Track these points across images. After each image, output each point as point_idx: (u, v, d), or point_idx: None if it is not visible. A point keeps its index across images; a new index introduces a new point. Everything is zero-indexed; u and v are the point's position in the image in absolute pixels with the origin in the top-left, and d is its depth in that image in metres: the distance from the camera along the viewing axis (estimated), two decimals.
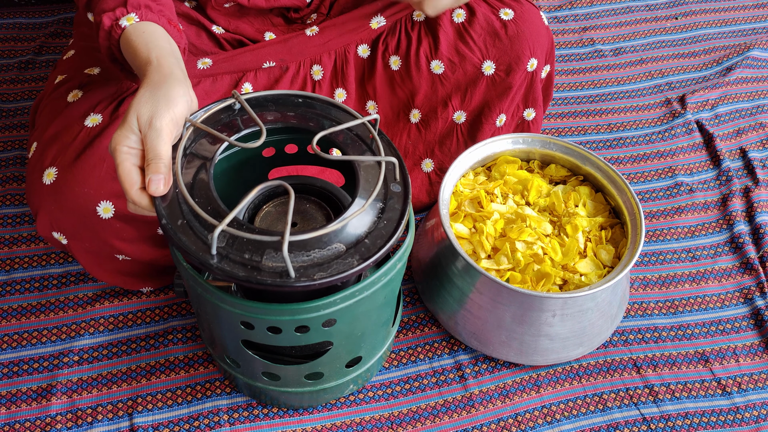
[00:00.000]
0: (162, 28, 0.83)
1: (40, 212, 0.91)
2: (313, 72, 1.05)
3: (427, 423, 0.98)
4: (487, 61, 1.06)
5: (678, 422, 0.99)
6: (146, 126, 0.72)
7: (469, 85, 1.08)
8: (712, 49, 1.50)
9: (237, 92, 0.82)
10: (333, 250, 0.74)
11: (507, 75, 1.07)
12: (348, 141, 0.83)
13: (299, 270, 0.72)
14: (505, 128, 1.13)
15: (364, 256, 0.74)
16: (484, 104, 1.09)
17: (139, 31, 0.81)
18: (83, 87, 0.95)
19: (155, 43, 0.80)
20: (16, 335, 1.03)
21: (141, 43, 0.80)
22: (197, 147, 0.79)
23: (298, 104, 0.86)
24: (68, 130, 0.91)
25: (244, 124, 0.82)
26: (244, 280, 0.70)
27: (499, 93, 1.08)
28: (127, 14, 0.82)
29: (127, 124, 0.72)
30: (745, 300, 1.12)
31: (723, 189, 1.26)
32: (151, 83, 0.75)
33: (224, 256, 0.71)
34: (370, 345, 0.92)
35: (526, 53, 1.06)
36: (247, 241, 0.72)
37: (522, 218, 1.02)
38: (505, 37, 1.06)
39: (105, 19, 0.82)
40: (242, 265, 0.71)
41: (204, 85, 0.99)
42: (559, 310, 0.95)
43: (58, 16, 1.46)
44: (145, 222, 0.94)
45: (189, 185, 0.76)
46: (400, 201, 0.79)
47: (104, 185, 0.90)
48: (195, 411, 0.97)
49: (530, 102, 1.12)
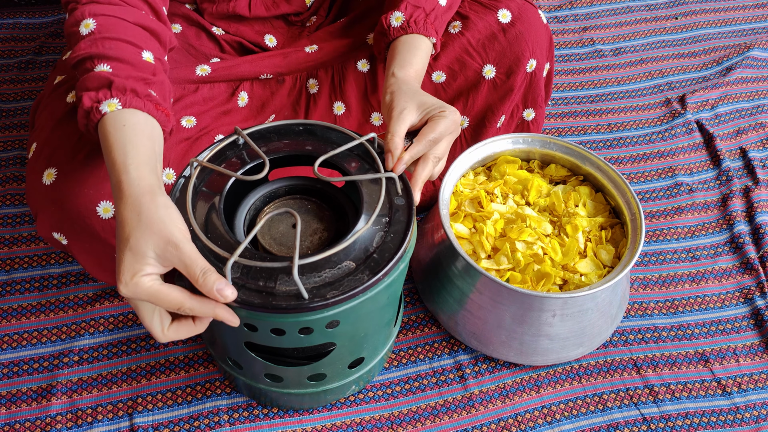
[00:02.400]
0: (146, 116, 0.77)
1: (40, 213, 0.91)
2: (309, 85, 1.06)
3: (427, 423, 0.98)
4: (487, 65, 1.06)
5: (678, 422, 0.99)
6: (172, 248, 0.69)
7: (471, 90, 1.08)
8: (712, 49, 1.50)
9: (239, 128, 0.85)
10: (343, 268, 0.77)
11: (508, 78, 1.07)
12: (350, 160, 0.86)
13: (312, 291, 0.75)
14: (503, 129, 1.13)
15: (374, 270, 0.77)
16: (487, 108, 1.09)
17: (119, 124, 0.75)
18: None
19: (133, 146, 0.74)
20: (16, 335, 1.03)
21: (118, 143, 0.74)
22: (206, 184, 0.83)
23: (299, 132, 0.90)
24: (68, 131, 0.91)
25: (249, 157, 0.86)
26: (260, 307, 0.74)
27: (501, 96, 1.08)
28: (109, 98, 0.76)
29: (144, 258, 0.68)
30: (745, 300, 1.12)
31: (723, 189, 1.26)
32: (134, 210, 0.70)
33: (240, 285, 0.74)
34: (373, 345, 0.92)
35: (525, 54, 1.06)
36: (260, 269, 0.75)
37: (522, 218, 1.02)
38: (504, 40, 1.05)
39: (85, 100, 0.76)
40: (257, 292, 0.74)
41: (202, 91, 1.00)
42: (559, 310, 0.95)
43: (58, 16, 1.46)
44: None
45: (201, 222, 0.79)
46: (405, 213, 0.82)
47: (104, 185, 0.90)
48: (195, 411, 0.97)
49: (530, 102, 1.12)
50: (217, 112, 1.00)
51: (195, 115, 0.98)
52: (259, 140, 0.88)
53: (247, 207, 0.87)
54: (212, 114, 1.00)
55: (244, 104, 1.03)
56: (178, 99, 0.98)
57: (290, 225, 0.84)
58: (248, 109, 1.03)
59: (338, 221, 0.86)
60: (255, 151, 0.83)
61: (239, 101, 1.02)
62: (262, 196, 0.88)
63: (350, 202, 0.87)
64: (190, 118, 0.97)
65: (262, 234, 0.82)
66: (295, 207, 0.86)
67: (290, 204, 0.87)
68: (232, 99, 1.02)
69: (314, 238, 0.83)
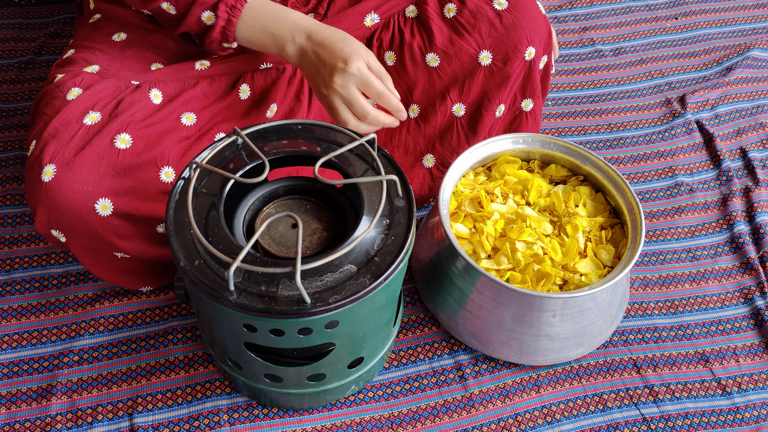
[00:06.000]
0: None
1: (39, 210, 0.91)
2: None
3: (427, 423, 0.98)
4: (483, 51, 1.06)
5: (678, 422, 0.99)
6: (372, 58, 0.90)
7: (467, 77, 1.08)
8: (712, 49, 1.50)
9: (237, 128, 0.85)
10: (345, 272, 0.77)
11: (504, 64, 1.06)
12: (349, 160, 0.86)
13: (314, 295, 0.75)
14: (503, 119, 1.13)
15: (375, 274, 0.77)
16: (483, 95, 1.09)
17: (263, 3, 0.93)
18: (82, 85, 0.95)
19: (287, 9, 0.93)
20: (16, 335, 1.03)
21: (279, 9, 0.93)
22: (205, 185, 0.83)
23: (298, 131, 0.89)
24: (67, 128, 0.91)
25: (249, 158, 0.86)
26: (263, 312, 0.74)
27: (498, 83, 1.08)
28: None
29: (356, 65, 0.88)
30: (745, 300, 1.12)
31: (723, 189, 1.26)
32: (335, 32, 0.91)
33: (242, 290, 0.75)
34: (372, 345, 0.92)
35: (523, 42, 1.06)
36: (262, 274, 0.75)
37: (522, 218, 1.02)
38: (500, 26, 1.05)
39: (221, 10, 0.92)
40: (260, 297, 0.74)
41: (202, 86, 1.00)
42: (560, 310, 0.95)
43: (58, 16, 1.46)
44: (142, 220, 0.94)
45: (202, 224, 0.79)
46: (405, 215, 0.82)
47: (103, 182, 0.90)
48: (195, 411, 0.97)
49: (528, 92, 1.12)
50: (218, 107, 1.00)
51: (195, 111, 0.98)
52: (258, 140, 0.88)
53: (246, 207, 0.87)
54: (213, 109, 1.00)
55: (246, 97, 1.03)
56: (177, 94, 0.98)
57: (290, 225, 0.83)
58: (250, 101, 1.03)
59: (337, 221, 0.86)
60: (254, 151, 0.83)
61: (241, 94, 1.02)
62: (261, 196, 0.88)
63: (349, 201, 0.87)
64: (190, 115, 0.97)
65: (261, 234, 0.82)
66: (294, 207, 0.86)
67: (289, 204, 0.87)
68: (233, 92, 1.02)
69: (314, 238, 0.83)
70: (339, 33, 0.92)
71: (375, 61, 0.92)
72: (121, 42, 1.02)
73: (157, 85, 0.97)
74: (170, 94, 0.98)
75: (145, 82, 0.97)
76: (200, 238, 0.75)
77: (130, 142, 0.92)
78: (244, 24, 0.94)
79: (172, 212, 0.81)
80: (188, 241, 0.78)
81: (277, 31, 0.93)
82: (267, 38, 0.94)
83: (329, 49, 0.90)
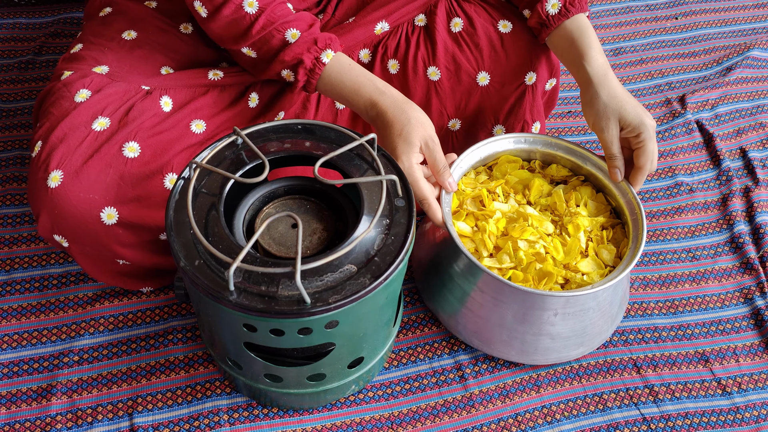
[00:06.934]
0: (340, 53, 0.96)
1: (42, 214, 0.90)
2: None
3: (427, 423, 0.98)
4: (482, 72, 1.06)
5: (678, 422, 0.99)
6: (431, 143, 0.92)
7: (464, 95, 1.08)
8: (712, 49, 1.50)
9: (237, 128, 0.85)
10: (345, 272, 0.77)
11: (502, 86, 1.07)
12: (349, 160, 0.86)
13: (314, 295, 0.75)
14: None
15: (375, 274, 0.77)
16: (478, 113, 1.09)
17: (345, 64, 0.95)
18: (92, 87, 0.94)
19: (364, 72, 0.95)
20: (16, 335, 1.03)
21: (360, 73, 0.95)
22: (205, 185, 0.83)
23: (298, 131, 0.89)
24: (75, 133, 0.90)
25: (248, 158, 0.85)
26: (263, 312, 0.74)
27: (495, 104, 1.08)
28: (325, 49, 0.94)
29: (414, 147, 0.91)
30: (745, 300, 1.12)
31: (723, 189, 1.26)
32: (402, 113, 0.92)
33: (242, 290, 0.75)
34: (372, 345, 0.92)
35: (523, 67, 1.06)
36: (262, 274, 0.75)
37: (524, 217, 1.02)
38: (501, 51, 1.05)
39: (306, 60, 0.94)
40: (260, 297, 0.74)
41: (212, 94, 0.99)
42: (561, 309, 0.95)
43: (58, 16, 1.46)
44: (146, 229, 0.94)
45: (202, 224, 0.79)
46: (405, 215, 0.82)
47: (110, 192, 0.90)
48: (195, 411, 0.97)
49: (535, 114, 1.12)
50: (228, 115, 1.00)
51: (205, 119, 0.98)
52: (257, 140, 0.88)
53: (246, 206, 0.87)
54: (222, 116, 0.99)
55: (255, 105, 1.03)
56: (187, 102, 0.97)
57: (290, 225, 0.83)
58: (258, 109, 1.03)
59: (337, 221, 0.86)
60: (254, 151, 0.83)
61: (250, 102, 1.02)
62: (261, 196, 0.88)
63: (349, 201, 0.87)
64: (199, 122, 0.97)
65: (261, 234, 0.82)
66: (294, 207, 0.86)
67: (289, 204, 0.87)
68: (242, 100, 1.02)
69: (313, 237, 0.83)
70: (403, 116, 0.92)
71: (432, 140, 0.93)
72: (131, 41, 1.01)
73: (168, 92, 0.97)
74: (180, 101, 0.97)
75: (156, 88, 0.96)
76: (200, 238, 0.75)
77: (138, 150, 0.91)
78: (322, 86, 0.96)
79: (172, 212, 0.81)
80: (188, 240, 0.78)
81: (352, 101, 0.96)
82: (344, 102, 0.97)
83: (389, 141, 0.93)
